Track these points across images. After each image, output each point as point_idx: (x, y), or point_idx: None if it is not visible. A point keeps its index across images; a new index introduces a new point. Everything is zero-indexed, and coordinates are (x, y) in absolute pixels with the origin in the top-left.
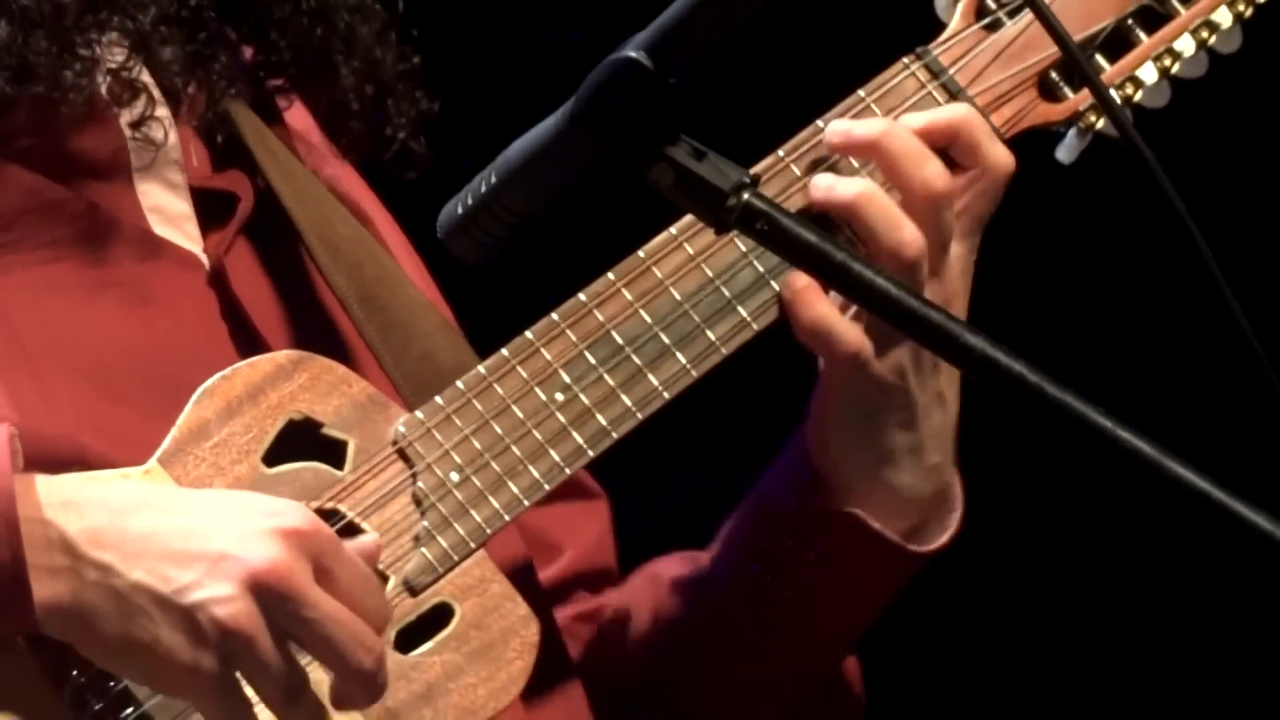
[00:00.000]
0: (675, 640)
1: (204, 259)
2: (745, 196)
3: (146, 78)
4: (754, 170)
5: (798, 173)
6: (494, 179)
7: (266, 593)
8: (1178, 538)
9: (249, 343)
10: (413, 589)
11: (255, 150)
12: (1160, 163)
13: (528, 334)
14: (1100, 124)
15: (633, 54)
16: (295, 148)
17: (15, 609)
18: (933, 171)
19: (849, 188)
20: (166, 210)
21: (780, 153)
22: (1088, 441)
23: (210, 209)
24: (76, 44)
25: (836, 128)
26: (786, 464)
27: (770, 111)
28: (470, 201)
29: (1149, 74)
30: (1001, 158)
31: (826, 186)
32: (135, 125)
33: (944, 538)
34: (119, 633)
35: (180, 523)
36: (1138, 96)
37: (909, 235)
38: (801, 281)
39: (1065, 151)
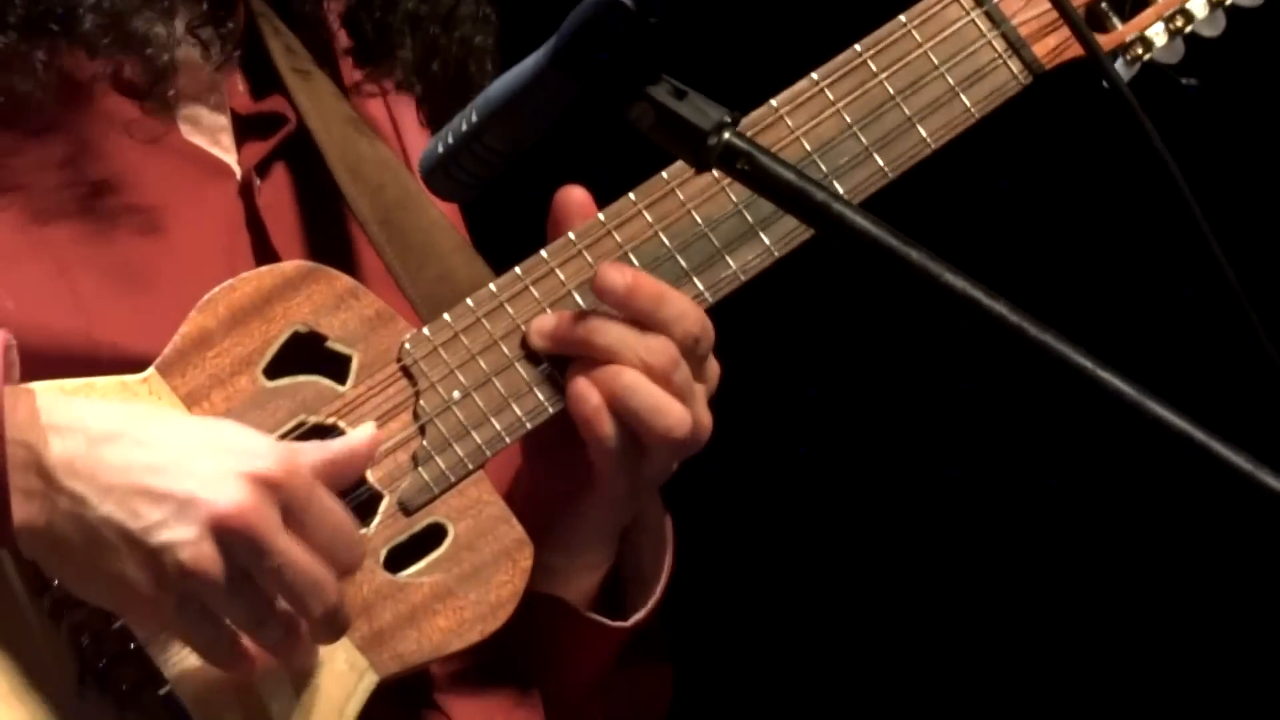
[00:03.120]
0: None
1: (236, 170)
2: (726, 136)
3: None
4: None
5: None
6: (474, 117)
7: (230, 535)
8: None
9: (267, 256)
10: (407, 508)
11: (285, 74)
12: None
13: (542, 253)
14: (1148, 56)
15: None
16: (338, 68)
17: None
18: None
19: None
20: (202, 120)
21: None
22: (1068, 382)
23: (252, 131)
24: None
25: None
26: None
27: (768, 53)
28: (451, 140)
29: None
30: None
31: (582, 395)
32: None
33: (642, 613)
34: (87, 562)
35: (154, 458)
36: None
37: (677, 417)
38: (595, 398)
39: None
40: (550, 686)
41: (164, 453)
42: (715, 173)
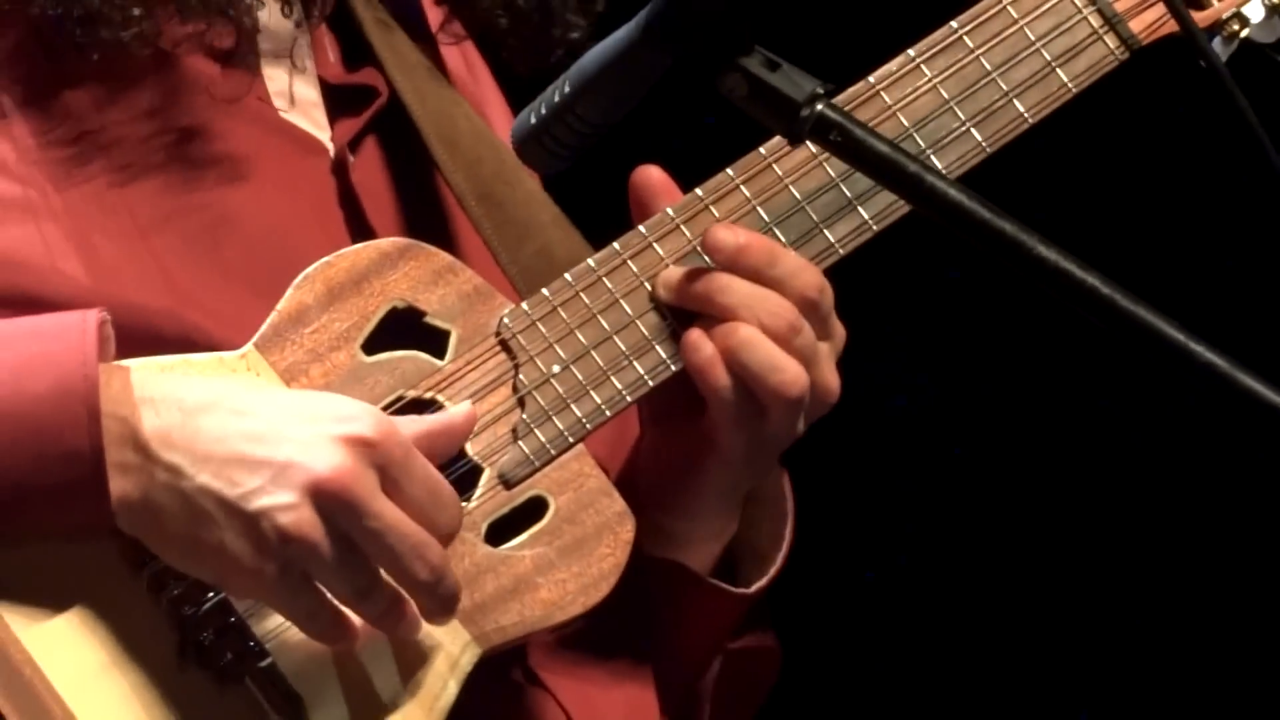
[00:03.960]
0: None
1: (330, 146)
2: (819, 107)
3: None
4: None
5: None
6: (567, 88)
7: (329, 500)
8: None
9: (362, 232)
10: (508, 482)
11: (379, 48)
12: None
13: (640, 228)
14: (1245, 32)
15: None
16: (435, 44)
17: (92, 498)
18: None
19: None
20: (294, 96)
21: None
22: (1159, 354)
23: (344, 103)
24: None
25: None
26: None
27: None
28: (544, 111)
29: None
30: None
31: (695, 345)
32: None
33: (763, 581)
34: (186, 534)
35: (250, 426)
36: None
37: (791, 374)
38: (708, 349)
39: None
40: (667, 656)
41: (260, 421)
42: (812, 147)
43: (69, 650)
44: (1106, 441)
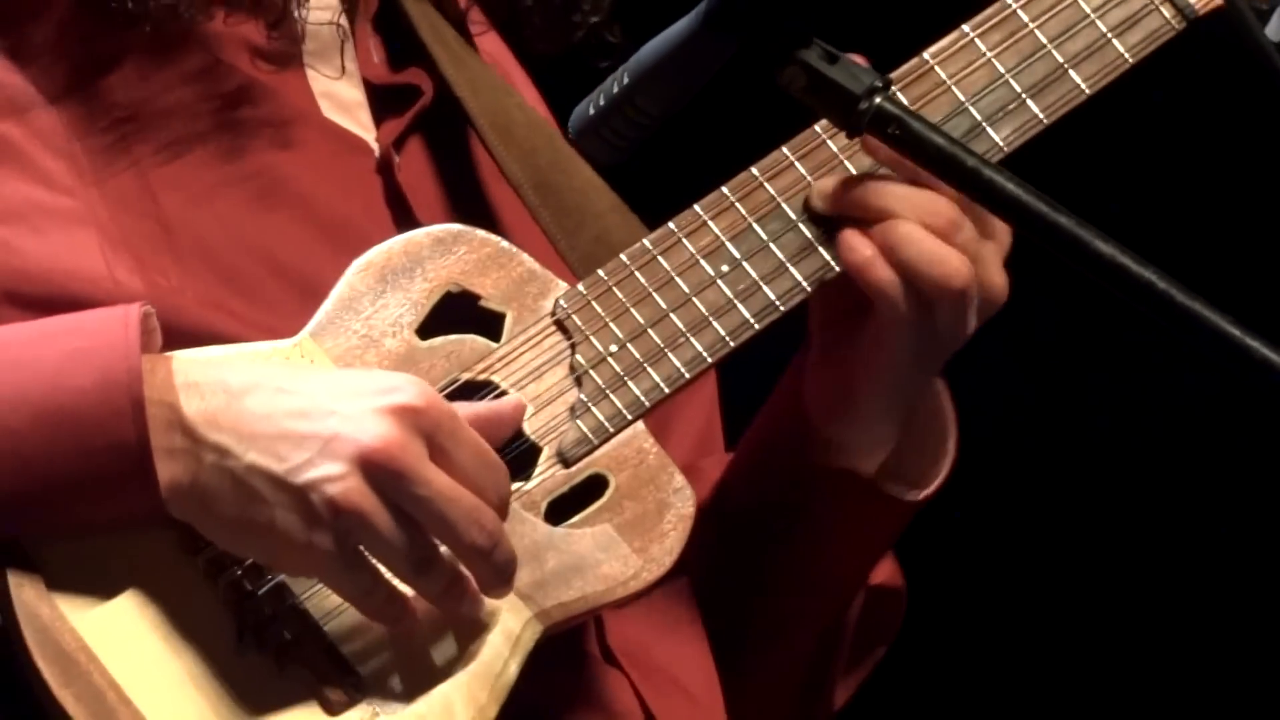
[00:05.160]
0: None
1: (374, 146)
2: (877, 100)
3: None
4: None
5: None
6: (626, 79)
7: (378, 470)
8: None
9: (411, 228)
10: (566, 460)
11: (429, 43)
12: None
13: (696, 207)
14: None
15: None
16: (473, 39)
17: (141, 488)
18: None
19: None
20: (338, 96)
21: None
22: (1216, 350)
23: (388, 103)
24: None
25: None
26: (786, 417)
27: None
28: (602, 102)
29: None
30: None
31: (853, 245)
32: (309, 12)
33: (936, 482)
34: (237, 514)
35: (296, 403)
36: None
37: (954, 266)
38: (867, 249)
39: (1275, 29)
40: (818, 576)
41: (306, 398)
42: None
43: (125, 638)
44: (1106, 441)
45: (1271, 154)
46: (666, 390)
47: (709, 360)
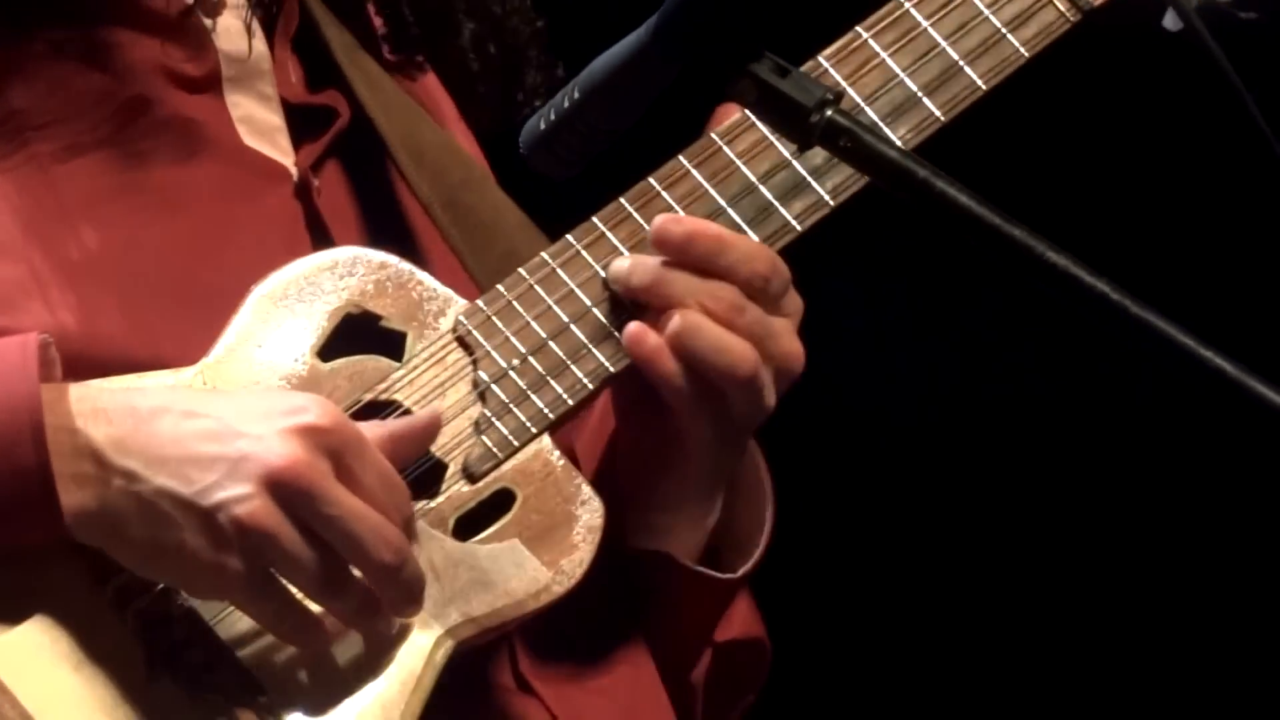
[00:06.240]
0: None
1: (293, 171)
2: (828, 113)
3: None
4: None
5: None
6: (576, 94)
7: (285, 490)
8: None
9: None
10: (472, 476)
11: (344, 65)
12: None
13: (594, 219)
14: None
15: None
16: (388, 63)
17: (44, 515)
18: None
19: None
20: (257, 121)
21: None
22: (1170, 360)
23: (305, 125)
24: None
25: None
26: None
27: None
28: (553, 116)
29: None
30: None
31: (639, 338)
32: (226, 38)
33: (748, 565)
34: (146, 538)
35: (204, 426)
36: None
37: (739, 353)
38: (651, 340)
39: (1172, 19)
40: (657, 650)
41: (214, 421)
42: (763, 127)
43: (37, 668)
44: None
45: (1223, 161)
46: (570, 403)
47: (612, 370)
